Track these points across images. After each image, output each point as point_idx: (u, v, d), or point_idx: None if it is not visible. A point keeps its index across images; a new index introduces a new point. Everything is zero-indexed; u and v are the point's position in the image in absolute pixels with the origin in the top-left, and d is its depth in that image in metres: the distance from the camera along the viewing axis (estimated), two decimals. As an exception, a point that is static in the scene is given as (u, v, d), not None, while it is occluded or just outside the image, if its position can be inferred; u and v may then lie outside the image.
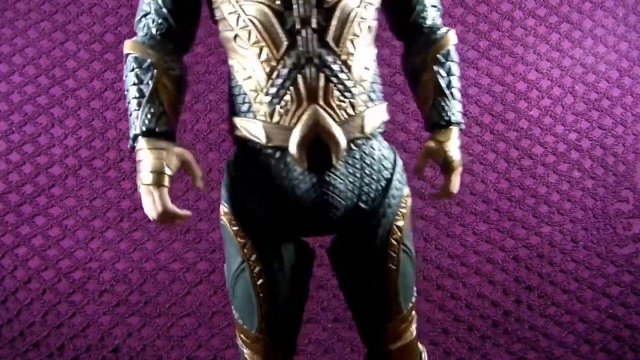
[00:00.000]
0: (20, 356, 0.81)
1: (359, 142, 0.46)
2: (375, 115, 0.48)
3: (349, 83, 0.45)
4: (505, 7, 0.94)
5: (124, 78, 0.46)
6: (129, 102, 0.45)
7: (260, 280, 0.44)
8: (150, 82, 0.44)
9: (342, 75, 0.44)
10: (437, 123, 0.50)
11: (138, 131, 0.43)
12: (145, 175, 0.42)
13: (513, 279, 0.85)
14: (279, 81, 0.43)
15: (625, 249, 0.87)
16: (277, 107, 0.43)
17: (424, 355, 0.52)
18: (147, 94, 0.44)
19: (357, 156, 0.46)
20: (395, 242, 0.46)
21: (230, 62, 0.47)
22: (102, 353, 0.81)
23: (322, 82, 0.43)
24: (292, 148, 0.42)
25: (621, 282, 0.85)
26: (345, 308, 0.85)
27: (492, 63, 0.92)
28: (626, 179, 0.89)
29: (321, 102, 0.43)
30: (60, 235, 0.85)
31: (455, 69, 0.52)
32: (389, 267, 0.46)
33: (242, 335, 0.47)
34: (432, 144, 0.50)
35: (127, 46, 0.46)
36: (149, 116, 0.43)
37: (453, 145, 0.50)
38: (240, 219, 0.44)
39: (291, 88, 0.43)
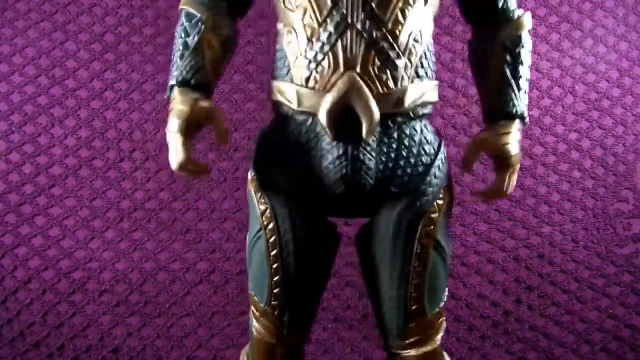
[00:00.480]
0: (20, 356, 0.81)
1: (399, 120, 0.43)
2: (419, 92, 0.44)
3: (392, 54, 0.42)
4: (505, 7, 0.94)
5: (175, 32, 0.46)
6: (173, 55, 0.46)
7: (275, 251, 0.41)
8: (195, 37, 0.44)
9: (385, 44, 0.41)
10: (499, 112, 0.47)
11: (174, 81, 0.45)
12: (171, 122, 0.42)
13: (513, 279, 0.85)
14: (319, 45, 0.41)
15: (625, 249, 0.87)
16: (314, 71, 0.41)
17: None
18: (190, 47, 0.44)
19: (395, 135, 0.43)
20: (426, 235, 0.42)
21: (278, 25, 0.46)
22: (102, 353, 0.81)
23: (362, 49, 0.40)
24: (322, 114, 0.40)
25: (621, 282, 0.85)
26: (345, 308, 0.85)
27: (492, 63, 0.92)
28: (626, 179, 0.89)
29: (359, 70, 0.40)
30: (60, 235, 0.85)
31: (525, 56, 0.48)
32: (416, 260, 0.42)
33: (252, 308, 0.45)
34: (488, 134, 0.46)
35: (182, 1, 0.46)
36: (187, 68, 0.44)
37: (513, 139, 0.46)
38: (264, 185, 0.42)
39: (330, 53, 0.41)
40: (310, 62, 0.41)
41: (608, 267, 0.86)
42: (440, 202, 0.43)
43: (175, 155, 0.41)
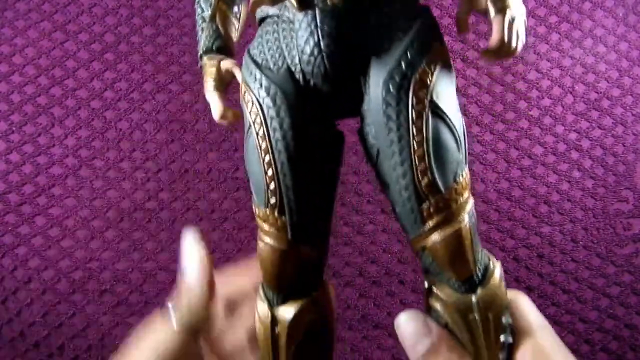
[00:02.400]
0: (20, 356, 0.81)
1: None
2: None
3: None
4: (505, 7, 0.95)
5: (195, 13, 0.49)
6: (197, 31, 0.49)
7: (264, 144, 0.37)
8: (209, 9, 0.47)
9: None
10: None
11: (200, 51, 0.47)
12: (206, 83, 0.44)
13: (513, 279, 0.85)
14: None
15: (625, 249, 0.87)
16: None
17: (493, 262, 0.33)
18: (207, 20, 0.47)
19: None
20: (419, 100, 0.36)
21: None
22: (102, 353, 0.81)
23: None
24: None
25: (621, 282, 0.85)
26: (345, 308, 0.85)
27: (492, 63, 0.92)
28: (626, 179, 0.89)
29: None
30: (60, 235, 0.85)
31: None
32: (414, 129, 0.35)
33: (257, 221, 0.39)
34: None
35: None
36: (208, 38, 0.47)
37: None
38: (250, 84, 0.39)
39: None
40: None
41: (608, 267, 0.86)
42: (434, 66, 0.37)
43: (215, 108, 0.43)
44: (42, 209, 0.85)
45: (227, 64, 0.45)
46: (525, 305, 0.28)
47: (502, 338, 0.27)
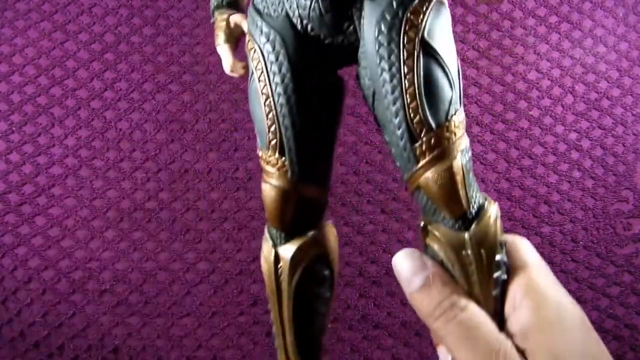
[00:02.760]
0: (20, 356, 0.81)
1: None
2: None
3: None
4: (505, 7, 0.95)
5: None
6: None
7: (264, 88, 0.38)
8: None
9: None
10: None
11: (212, 7, 0.47)
12: (217, 37, 0.45)
13: (513, 279, 0.85)
14: None
15: (625, 249, 0.87)
16: None
17: (489, 202, 0.35)
18: None
19: None
20: (410, 39, 0.35)
21: None
22: (102, 353, 0.81)
23: None
24: None
25: (621, 282, 0.85)
26: (345, 308, 0.85)
27: (492, 63, 0.92)
28: (626, 179, 0.89)
29: None
30: (60, 235, 0.85)
31: None
32: (404, 67, 0.35)
33: (260, 157, 0.41)
34: None
35: None
36: None
37: None
38: (253, 33, 0.39)
39: None
40: None
41: (608, 267, 0.86)
42: (424, 3, 0.36)
43: (225, 61, 0.44)
44: (42, 209, 0.85)
45: (236, 17, 0.45)
46: (522, 245, 0.30)
47: (495, 275, 0.28)
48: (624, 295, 0.85)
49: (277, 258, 0.35)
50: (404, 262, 0.28)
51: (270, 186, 0.36)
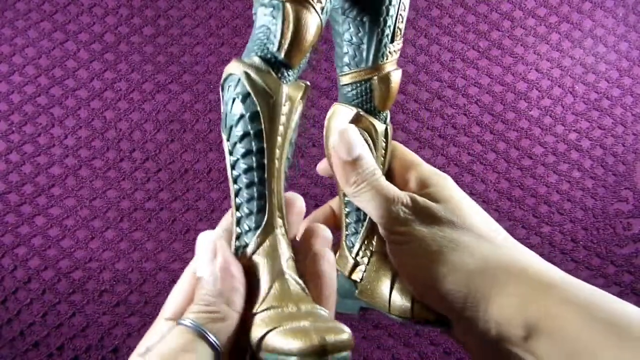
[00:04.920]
0: (20, 356, 0.81)
1: None
2: None
3: None
4: (505, 7, 0.95)
5: None
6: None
7: None
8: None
9: None
10: None
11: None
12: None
13: (513, 279, 0.85)
14: None
15: (625, 249, 0.87)
16: None
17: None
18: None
19: None
20: None
21: None
22: (102, 353, 0.81)
23: None
24: None
25: (621, 282, 0.85)
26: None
27: (492, 63, 0.92)
28: (626, 179, 0.89)
29: None
30: (60, 235, 0.85)
31: None
32: None
33: None
34: None
35: None
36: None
37: None
38: None
39: None
40: None
41: (608, 267, 0.86)
42: None
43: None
44: (42, 209, 0.85)
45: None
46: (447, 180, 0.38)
47: (387, 160, 0.38)
48: (624, 295, 0.85)
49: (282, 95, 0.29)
50: (354, 133, 0.34)
51: (314, 14, 0.32)
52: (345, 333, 0.24)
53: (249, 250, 0.29)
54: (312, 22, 0.29)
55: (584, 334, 0.27)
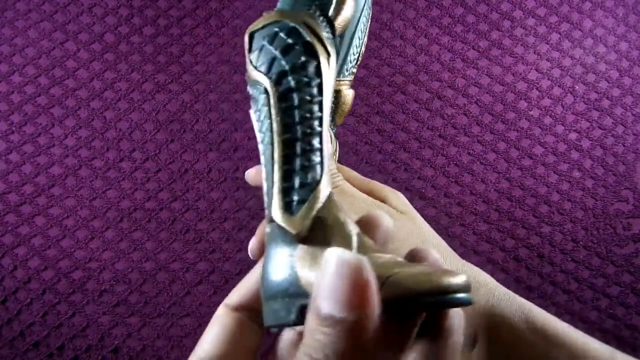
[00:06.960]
0: (20, 356, 0.81)
1: None
2: None
3: None
4: (505, 7, 0.95)
5: None
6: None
7: None
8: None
9: None
10: None
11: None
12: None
13: (513, 279, 0.85)
14: None
15: (625, 249, 0.87)
16: None
17: None
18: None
19: None
20: None
21: None
22: (102, 353, 0.81)
23: None
24: None
25: (621, 282, 0.85)
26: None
27: (492, 63, 0.92)
28: (626, 179, 0.89)
29: None
30: (60, 235, 0.85)
31: None
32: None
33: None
34: None
35: None
36: None
37: None
38: None
39: None
40: None
41: (608, 267, 0.86)
42: None
43: None
44: (42, 209, 0.85)
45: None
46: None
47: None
48: (624, 295, 0.85)
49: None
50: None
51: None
52: (462, 274, 0.25)
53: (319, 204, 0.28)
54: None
55: None
